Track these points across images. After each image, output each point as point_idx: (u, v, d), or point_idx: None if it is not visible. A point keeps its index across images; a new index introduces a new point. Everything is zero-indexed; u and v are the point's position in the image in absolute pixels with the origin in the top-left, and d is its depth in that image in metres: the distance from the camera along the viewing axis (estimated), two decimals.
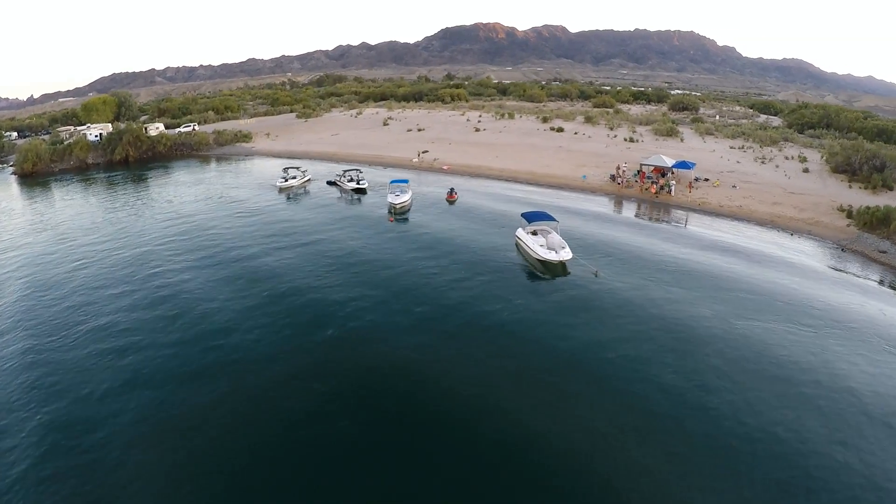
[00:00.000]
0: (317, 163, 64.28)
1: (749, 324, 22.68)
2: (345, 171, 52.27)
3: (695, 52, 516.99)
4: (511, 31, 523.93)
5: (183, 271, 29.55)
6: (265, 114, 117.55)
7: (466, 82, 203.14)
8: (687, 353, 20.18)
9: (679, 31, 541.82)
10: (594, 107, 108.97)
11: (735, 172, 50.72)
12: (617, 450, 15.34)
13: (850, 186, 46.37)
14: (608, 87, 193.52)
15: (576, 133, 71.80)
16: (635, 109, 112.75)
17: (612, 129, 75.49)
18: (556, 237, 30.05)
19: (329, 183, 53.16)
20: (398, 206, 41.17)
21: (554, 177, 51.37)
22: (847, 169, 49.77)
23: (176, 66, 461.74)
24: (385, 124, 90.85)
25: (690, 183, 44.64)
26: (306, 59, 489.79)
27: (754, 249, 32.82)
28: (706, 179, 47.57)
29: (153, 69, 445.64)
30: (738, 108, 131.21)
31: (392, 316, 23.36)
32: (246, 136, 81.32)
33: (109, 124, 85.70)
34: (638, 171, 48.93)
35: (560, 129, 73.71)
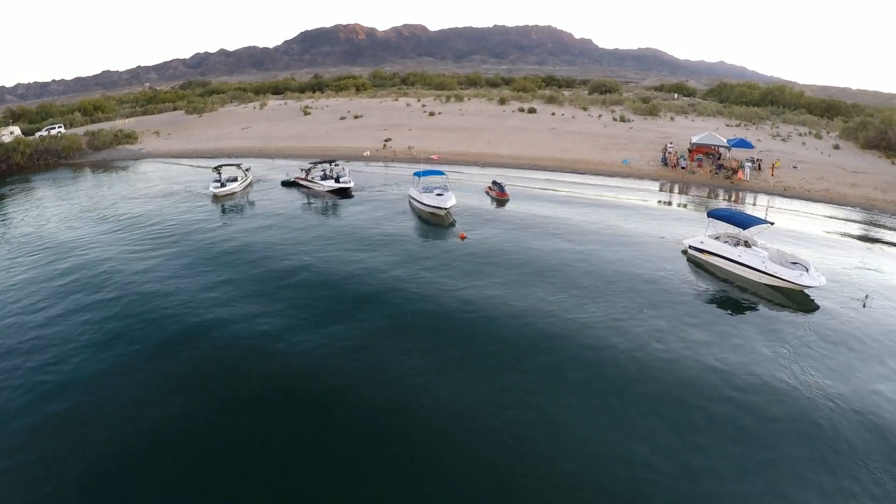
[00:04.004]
0: (239, 161, 48.48)
1: None
2: (314, 164, 37.38)
3: (553, 46, 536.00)
4: (371, 32, 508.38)
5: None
6: (144, 113, 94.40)
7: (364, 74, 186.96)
8: None
9: (537, 25, 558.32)
10: (515, 91, 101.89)
11: (772, 152, 44.77)
12: None
13: (894, 162, 43.62)
14: (513, 77, 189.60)
15: (553, 114, 62.47)
16: (565, 93, 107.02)
17: (584, 109, 67.42)
18: (774, 249, 19.45)
19: (286, 184, 38.14)
20: (449, 212, 27.81)
21: (587, 162, 41.13)
22: (880, 144, 46.64)
23: (26, 82, 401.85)
24: (306, 113, 75.43)
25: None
26: (163, 69, 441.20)
27: None
28: (759, 160, 40.55)
29: (2, 87, 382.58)
30: (649, 91, 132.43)
31: None
32: (130, 137, 62.89)
33: None
34: (688, 152, 40.41)
35: (533, 111, 63.86)
